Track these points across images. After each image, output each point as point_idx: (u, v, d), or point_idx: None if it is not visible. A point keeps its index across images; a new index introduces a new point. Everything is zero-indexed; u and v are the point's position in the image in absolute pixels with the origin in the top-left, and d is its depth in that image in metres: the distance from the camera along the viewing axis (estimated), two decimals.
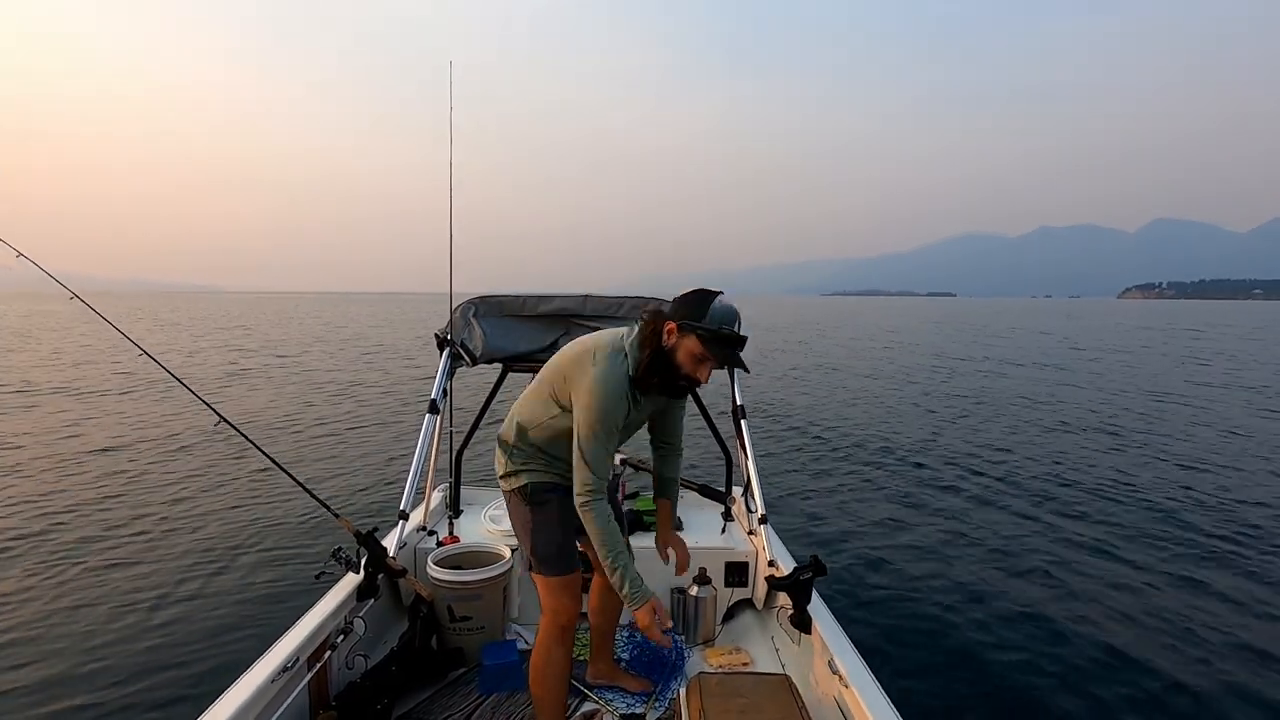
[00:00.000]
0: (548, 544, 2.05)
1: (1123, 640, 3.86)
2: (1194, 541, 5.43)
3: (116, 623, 3.79)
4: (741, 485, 3.34)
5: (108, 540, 4.94)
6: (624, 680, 2.51)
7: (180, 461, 7.14)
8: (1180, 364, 20.05)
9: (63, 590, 4.16)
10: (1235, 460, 8.22)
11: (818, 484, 7.04)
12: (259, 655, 1.98)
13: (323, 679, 2.22)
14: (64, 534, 5.03)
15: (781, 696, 2.09)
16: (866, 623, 4.02)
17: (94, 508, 5.64)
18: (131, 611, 3.92)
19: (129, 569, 4.48)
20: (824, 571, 2.38)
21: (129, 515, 5.48)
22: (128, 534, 5.08)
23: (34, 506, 5.64)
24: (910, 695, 3.24)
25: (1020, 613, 4.19)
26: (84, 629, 3.72)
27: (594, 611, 2.47)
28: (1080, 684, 3.46)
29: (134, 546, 4.84)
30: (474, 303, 3.31)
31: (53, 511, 5.51)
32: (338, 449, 8.02)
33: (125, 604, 4.00)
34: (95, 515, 5.46)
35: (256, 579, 4.39)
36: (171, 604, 4.03)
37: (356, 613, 2.39)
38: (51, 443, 7.90)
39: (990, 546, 5.32)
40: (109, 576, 4.36)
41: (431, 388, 3.15)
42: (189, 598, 4.11)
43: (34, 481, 6.36)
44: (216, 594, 4.18)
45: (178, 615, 3.90)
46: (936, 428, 10.24)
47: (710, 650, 2.75)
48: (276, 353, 19.84)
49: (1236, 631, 4.00)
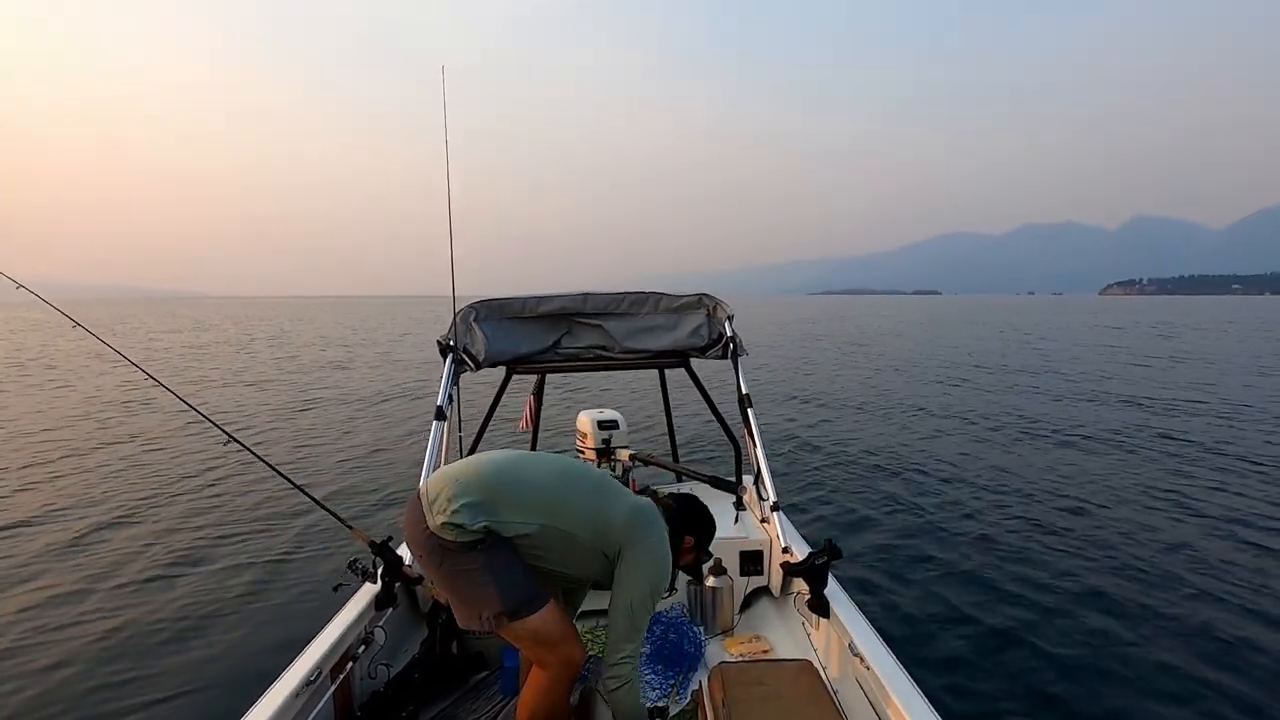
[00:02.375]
0: (517, 581, 1.83)
1: (1142, 628, 3.84)
2: (1213, 523, 5.42)
3: (137, 644, 3.82)
4: (752, 474, 3.34)
5: (122, 562, 4.96)
6: None
7: (191, 480, 7.15)
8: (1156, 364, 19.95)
9: (83, 612, 4.18)
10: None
11: (828, 472, 7.04)
12: (282, 670, 1.99)
13: (346, 690, 2.23)
14: (76, 555, 5.05)
15: (804, 681, 2.09)
16: (883, 605, 4.03)
17: (105, 529, 5.65)
18: (151, 632, 3.94)
19: (144, 590, 4.49)
20: (839, 555, 2.38)
21: (140, 536, 5.50)
22: (141, 555, 5.10)
23: (51, 526, 5.67)
24: (930, 676, 3.25)
25: (1036, 594, 4.20)
26: (104, 650, 3.74)
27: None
28: (1092, 665, 3.47)
29: (148, 567, 4.86)
30: (474, 307, 3.30)
31: (65, 533, 5.53)
32: (347, 460, 8.04)
33: (145, 626, 4.02)
34: (106, 537, 5.47)
35: (275, 594, 4.42)
36: (191, 622, 4.05)
37: (376, 622, 2.40)
38: (58, 465, 7.93)
39: (1002, 529, 5.32)
40: (126, 598, 4.38)
41: (437, 395, 3.15)
42: (209, 615, 4.13)
43: (43, 499, 6.39)
44: (236, 610, 4.20)
45: (197, 633, 3.92)
46: (948, 415, 10.23)
47: (729, 639, 2.76)
48: (282, 362, 19.88)
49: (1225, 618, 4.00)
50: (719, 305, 3.34)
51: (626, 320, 3.35)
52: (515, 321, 3.34)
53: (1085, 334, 29.15)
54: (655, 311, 3.37)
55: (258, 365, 18.75)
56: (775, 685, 2.08)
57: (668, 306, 3.37)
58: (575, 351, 3.37)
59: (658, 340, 3.32)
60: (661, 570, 1.93)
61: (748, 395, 3.18)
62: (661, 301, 3.37)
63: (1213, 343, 24.70)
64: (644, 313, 3.37)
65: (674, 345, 3.30)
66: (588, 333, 3.38)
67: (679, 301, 3.37)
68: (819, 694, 2.02)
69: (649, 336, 3.33)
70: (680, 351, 3.32)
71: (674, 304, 3.37)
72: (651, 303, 3.37)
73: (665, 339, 3.32)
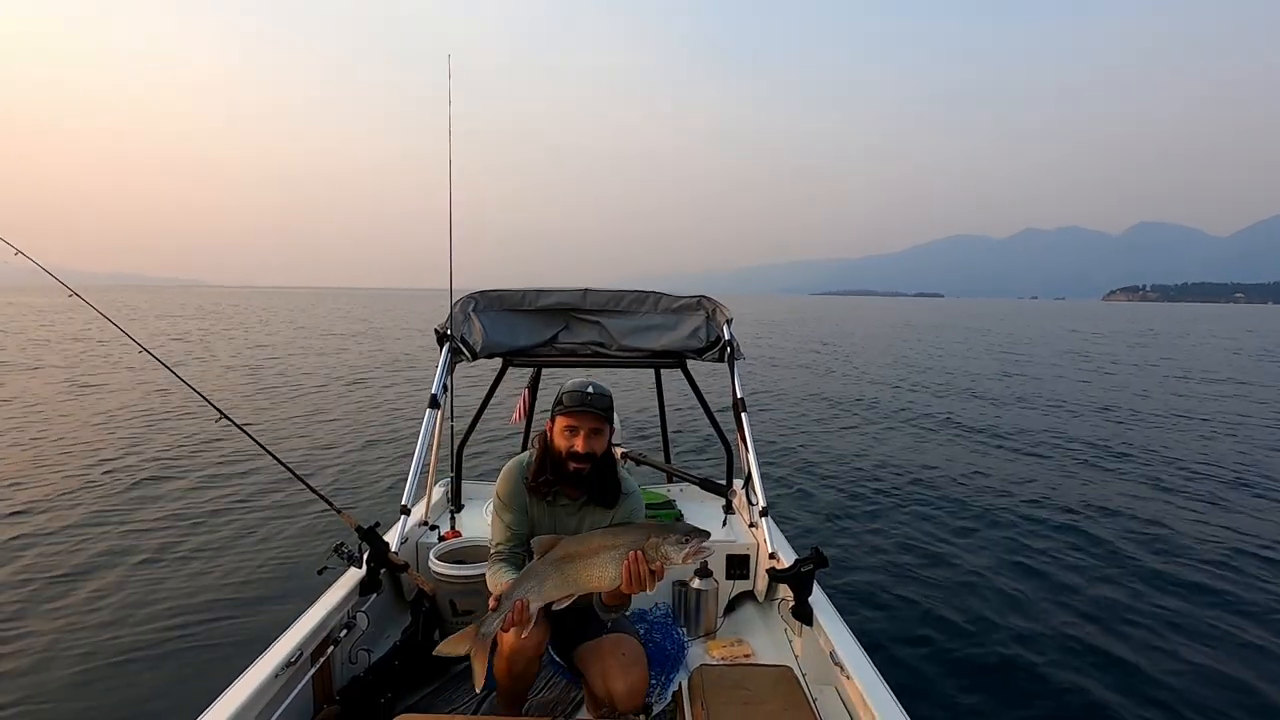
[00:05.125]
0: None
1: (1120, 633, 3.89)
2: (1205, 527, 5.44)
3: (118, 621, 3.81)
4: (742, 478, 3.34)
5: (106, 538, 4.95)
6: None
7: (182, 458, 7.14)
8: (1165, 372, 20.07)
9: (65, 587, 4.17)
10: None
11: (818, 479, 7.05)
12: (263, 651, 1.98)
13: (326, 674, 2.23)
14: (64, 533, 5.04)
15: (784, 687, 2.09)
16: (867, 614, 4.04)
17: (92, 505, 5.64)
18: (133, 608, 3.94)
19: (129, 566, 4.49)
20: (825, 563, 2.38)
21: (129, 512, 5.49)
22: (128, 530, 5.09)
23: (34, 504, 5.65)
24: (910, 685, 3.26)
25: (1019, 604, 4.21)
26: (85, 626, 3.73)
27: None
28: (1077, 672, 3.48)
29: (134, 543, 4.85)
30: (473, 297, 3.30)
31: (49, 509, 5.52)
32: (339, 444, 8.03)
33: (126, 601, 4.02)
34: (94, 513, 5.46)
35: (259, 574, 4.41)
36: (173, 600, 4.04)
37: (359, 608, 2.40)
38: (46, 439, 7.90)
39: (990, 538, 5.33)
40: (109, 574, 4.37)
41: (432, 383, 3.15)
42: (191, 594, 4.12)
43: (31, 477, 6.37)
44: (219, 590, 4.19)
45: (179, 611, 3.91)
46: (936, 423, 10.25)
47: (712, 642, 2.76)
48: (272, 350, 19.85)
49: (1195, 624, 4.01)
50: (718, 308, 3.34)
51: (625, 318, 3.35)
52: (514, 314, 3.33)
53: (1064, 340, 29.06)
54: (654, 311, 3.37)
55: (252, 350, 18.73)
56: (755, 689, 2.08)
57: (667, 307, 3.37)
58: (573, 347, 3.36)
59: (656, 340, 3.32)
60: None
61: (742, 399, 3.18)
62: (661, 301, 3.36)
63: (1182, 353, 24.92)
64: (643, 312, 3.36)
65: (671, 345, 3.30)
66: (586, 329, 3.38)
67: (678, 302, 3.37)
68: (798, 701, 2.03)
69: (647, 336, 3.33)
70: (677, 352, 3.32)
71: (673, 304, 3.36)
72: (651, 302, 3.36)
73: (663, 339, 3.31)
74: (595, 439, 2.01)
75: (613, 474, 2.11)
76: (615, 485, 2.11)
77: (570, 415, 2.00)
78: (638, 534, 1.79)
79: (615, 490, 2.11)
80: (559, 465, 2.03)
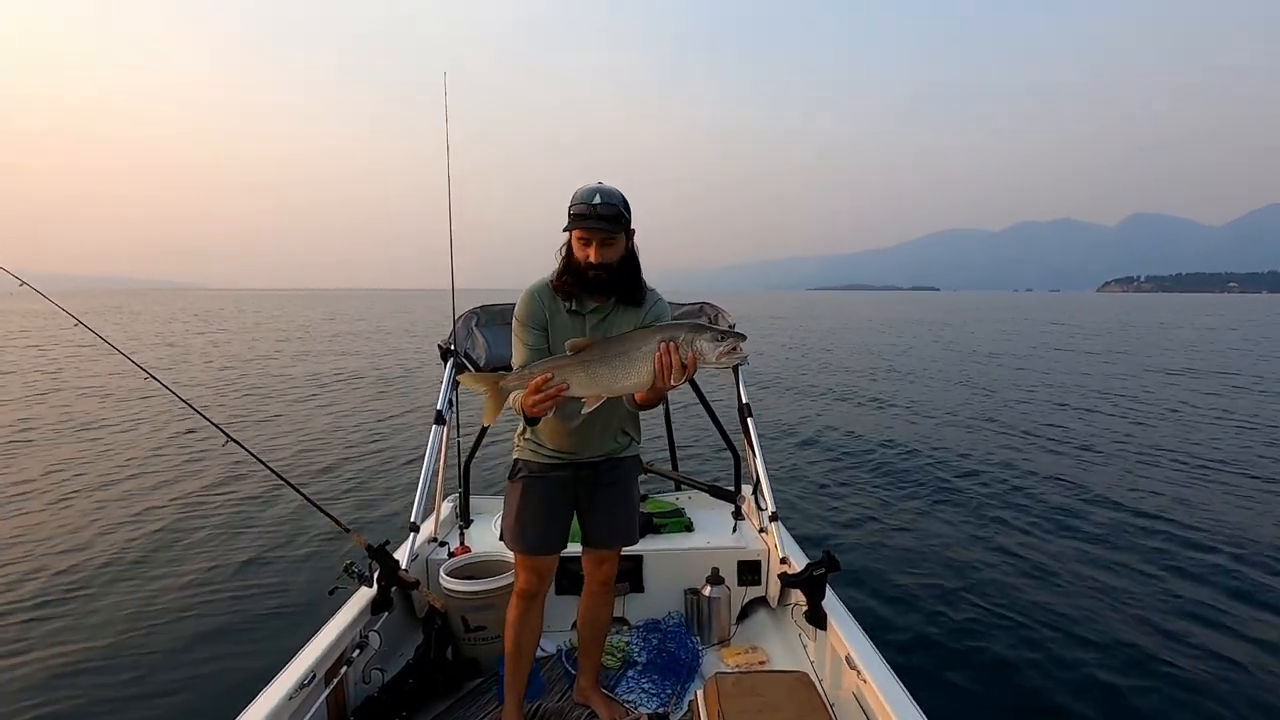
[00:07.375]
0: (505, 516, 2.19)
1: (1145, 641, 3.79)
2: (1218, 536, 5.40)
3: (129, 646, 3.79)
4: (750, 484, 3.33)
5: (113, 561, 4.94)
6: (598, 704, 2.37)
7: (188, 480, 7.13)
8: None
9: (73, 613, 4.16)
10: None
11: (827, 480, 7.02)
12: (275, 672, 1.98)
13: (340, 694, 2.22)
14: (71, 555, 5.04)
15: (800, 693, 2.08)
16: (881, 619, 4.01)
17: (98, 529, 5.64)
18: (143, 634, 3.92)
19: (137, 590, 4.47)
20: (837, 567, 2.37)
21: (136, 536, 5.49)
22: (135, 554, 5.08)
23: (38, 528, 5.65)
24: (927, 689, 3.23)
25: (1036, 608, 4.16)
26: (94, 652, 3.72)
27: (581, 624, 2.41)
28: (1102, 668, 3.45)
29: (141, 567, 4.84)
30: (475, 312, 3.30)
31: (56, 533, 5.51)
32: (345, 462, 8.02)
33: (135, 627, 4.00)
34: (99, 536, 5.45)
35: (269, 596, 4.39)
36: (183, 624, 4.03)
37: (371, 626, 2.39)
38: (49, 465, 7.92)
39: (1004, 540, 5.30)
40: (117, 599, 4.36)
41: (436, 399, 3.15)
42: (200, 617, 4.11)
43: (37, 503, 6.38)
44: (229, 612, 4.17)
45: (190, 635, 3.90)
46: (943, 420, 10.21)
47: (726, 650, 2.75)
48: (276, 361, 19.89)
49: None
50: (720, 314, 3.34)
51: None
52: None
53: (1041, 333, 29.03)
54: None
55: (255, 359, 18.75)
56: (771, 696, 2.07)
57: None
58: None
59: None
60: None
61: (748, 405, 3.17)
62: None
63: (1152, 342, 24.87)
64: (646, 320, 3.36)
65: None
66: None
67: (681, 309, 3.37)
68: (815, 706, 2.01)
69: None
70: None
71: (675, 312, 3.36)
72: None
73: None
74: (608, 248, 1.97)
75: (637, 273, 2.08)
76: (641, 283, 2.08)
77: (579, 228, 1.96)
78: (674, 329, 1.77)
79: (641, 287, 2.08)
80: (579, 273, 2.00)
